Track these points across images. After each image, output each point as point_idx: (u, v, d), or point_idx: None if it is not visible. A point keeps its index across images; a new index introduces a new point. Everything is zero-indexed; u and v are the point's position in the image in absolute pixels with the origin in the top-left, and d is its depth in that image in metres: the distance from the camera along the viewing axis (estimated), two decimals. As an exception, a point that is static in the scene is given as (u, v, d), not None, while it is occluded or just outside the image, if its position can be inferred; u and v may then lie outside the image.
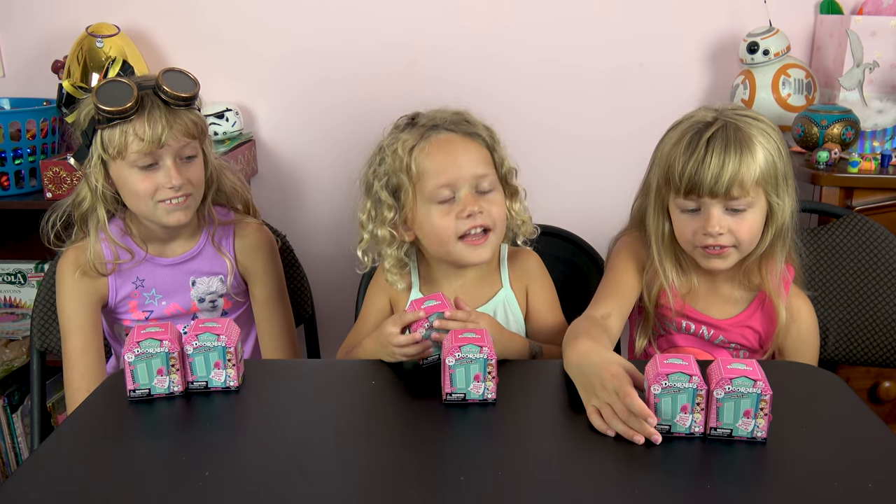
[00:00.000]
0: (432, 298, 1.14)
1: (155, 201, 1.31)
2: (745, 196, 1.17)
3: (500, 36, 2.04)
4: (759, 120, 1.21)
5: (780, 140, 1.21)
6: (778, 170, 1.19)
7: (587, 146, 2.09)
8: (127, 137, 1.26)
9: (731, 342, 1.31)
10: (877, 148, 1.83)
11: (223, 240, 1.44)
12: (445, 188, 1.24)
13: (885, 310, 1.49)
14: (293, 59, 2.08)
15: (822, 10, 1.96)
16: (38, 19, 2.07)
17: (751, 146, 1.16)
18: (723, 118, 1.19)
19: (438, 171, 1.23)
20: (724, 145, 1.16)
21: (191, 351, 1.08)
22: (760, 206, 1.20)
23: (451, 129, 1.26)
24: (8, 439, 1.94)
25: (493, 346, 1.04)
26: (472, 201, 1.23)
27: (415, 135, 1.26)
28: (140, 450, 0.99)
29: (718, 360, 0.99)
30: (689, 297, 1.31)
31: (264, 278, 1.48)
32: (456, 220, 1.24)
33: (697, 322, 1.32)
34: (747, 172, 1.15)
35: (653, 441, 0.94)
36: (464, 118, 1.28)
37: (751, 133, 1.17)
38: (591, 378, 1.02)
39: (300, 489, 0.89)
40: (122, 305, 1.41)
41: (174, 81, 1.29)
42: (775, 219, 1.21)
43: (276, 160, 2.15)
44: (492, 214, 1.25)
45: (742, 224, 1.19)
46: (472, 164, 1.24)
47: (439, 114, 1.29)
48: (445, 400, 1.05)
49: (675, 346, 1.34)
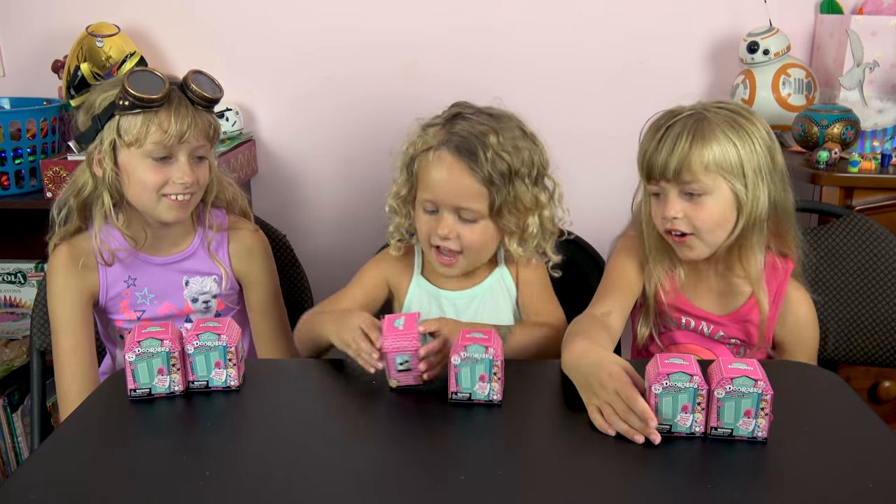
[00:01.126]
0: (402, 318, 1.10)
1: (159, 195, 1.31)
2: (696, 181, 1.19)
3: (500, 37, 2.04)
4: (739, 114, 1.21)
5: (759, 134, 1.21)
6: (744, 160, 1.19)
7: (587, 146, 2.09)
8: (149, 127, 1.27)
9: (731, 338, 1.32)
10: (877, 148, 1.83)
11: (218, 243, 1.44)
12: (429, 202, 1.26)
13: (885, 310, 1.49)
14: (293, 58, 2.08)
15: (822, 10, 1.96)
16: (38, 19, 2.07)
17: (707, 133, 1.18)
18: (697, 109, 1.22)
19: (428, 185, 1.25)
20: (679, 131, 1.19)
21: (191, 350, 1.08)
22: (721, 195, 1.20)
23: (456, 154, 1.23)
24: (8, 439, 1.94)
25: (501, 348, 1.05)
26: (447, 226, 1.25)
27: (432, 139, 1.26)
28: (140, 450, 0.99)
29: (719, 360, 0.99)
30: (686, 291, 1.32)
31: (259, 282, 1.47)
32: (434, 231, 1.27)
33: (696, 318, 1.32)
34: (696, 157, 1.17)
35: (652, 441, 0.94)
36: (480, 144, 1.22)
37: (716, 123, 1.19)
38: (589, 378, 1.02)
39: (300, 489, 0.89)
40: (113, 304, 1.40)
41: (200, 82, 1.32)
42: (745, 210, 1.21)
43: (276, 160, 2.15)
44: (467, 240, 1.26)
45: (699, 210, 1.21)
46: (458, 196, 1.24)
47: (468, 126, 1.24)
48: (451, 399, 1.05)
49: (676, 342, 1.34)
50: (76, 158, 1.75)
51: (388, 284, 1.39)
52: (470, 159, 1.22)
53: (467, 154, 1.22)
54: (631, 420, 0.95)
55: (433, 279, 1.36)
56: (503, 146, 1.23)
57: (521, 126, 1.29)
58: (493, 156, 1.22)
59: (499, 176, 1.22)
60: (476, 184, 1.22)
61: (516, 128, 1.28)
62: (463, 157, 1.22)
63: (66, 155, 1.82)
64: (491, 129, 1.23)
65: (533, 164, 1.27)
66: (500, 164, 1.22)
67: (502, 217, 1.26)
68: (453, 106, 1.31)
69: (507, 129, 1.25)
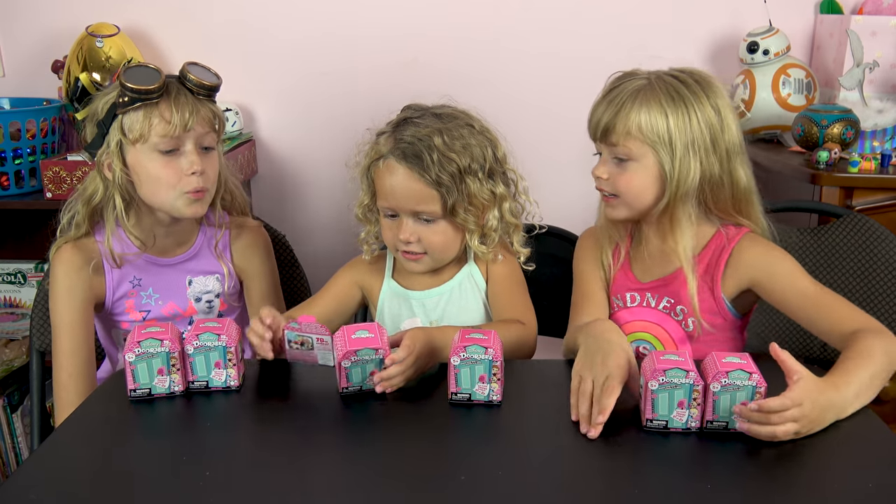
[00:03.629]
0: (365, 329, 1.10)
1: (179, 191, 1.30)
2: (620, 145, 1.20)
3: (501, 35, 2.04)
4: (688, 85, 1.21)
5: (702, 109, 1.19)
6: (674, 132, 1.18)
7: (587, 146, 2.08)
8: (152, 120, 1.27)
9: (677, 304, 1.27)
10: (877, 148, 1.83)
11: (224, 244, 1.44)
12: (388, 209, 1.28)
13: (885, 310, 1.49)
14: (293, 59, 2.08)
15: (822, 10, 1.96)
16: (38, 19, 2.07)
17: (641, 100, 1.19)
18: (650, 76, 1.23)
19: (383, 193, 1.27)
20: (616, 95, 1.21)
21: (191, 351, 1.08)
22: (647, 164, 1.20)
23: (402, 160, 1.24)
24: (8, 439, 1.94)
25: (501, 349, 1.06)
26: (407, 230, 1.27)
27: (383, 147, 1.27)
28: (140, 450, 0.99)
29: (713, 355, 1.00)
30: (631, 264, 1.33)
31: (259, 276, 1.48)
32: (396, 236, 1.28)
33: (641, 290, 1.31)
34: (622, 121, 1.19)
35: (588, 433, 0.97)
36: (425, 147, 1.23)
37: (656, 91, 1.20)
38: (597, 352, 1.07)
39: (300, 489, 0.89)
40: (119, 305, 1.41)
41: (198, 71, 1.33)
42: (670, 182, 1.20)
43: (276, 160, 2.15)
44: (428, 242, 1.28)
45: (623, 176, 1.22)
46: (410, 200, 1.25)
47: (413, 131, 1.25)
48: (451, 399, 1.05)
49: (623, 322, 1.31)
50: (76, 158, 1.76)
51: (361, 288, 1.40)
52: (417, 164, 1.23)
53: (414, 159, 1.23)
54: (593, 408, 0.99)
55: (403, 281, 1.37)
56: (450, 146, 1.24)
57: (470, 123, 1.29)
58: (440, 157, 1.23)
59: (448, 177, 1.23)
60: (426, 187, 1.24)
61: (465, 126, 1.28)
62: (410, 163, 1.23)
63: (66, 155, 1.82)
64: (435, 131, 1.24)
65: (485, 159, 1.28)
66: (448, 166, 1.23)
67: (457, 216, 1.26)
68: (403, 110, 1.32)
69: (454, 129, 1.26)
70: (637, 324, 1.31)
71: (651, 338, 1.31)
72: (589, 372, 1.04)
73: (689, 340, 1.27)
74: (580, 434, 0.98)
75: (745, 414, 0.95)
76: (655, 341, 1.30)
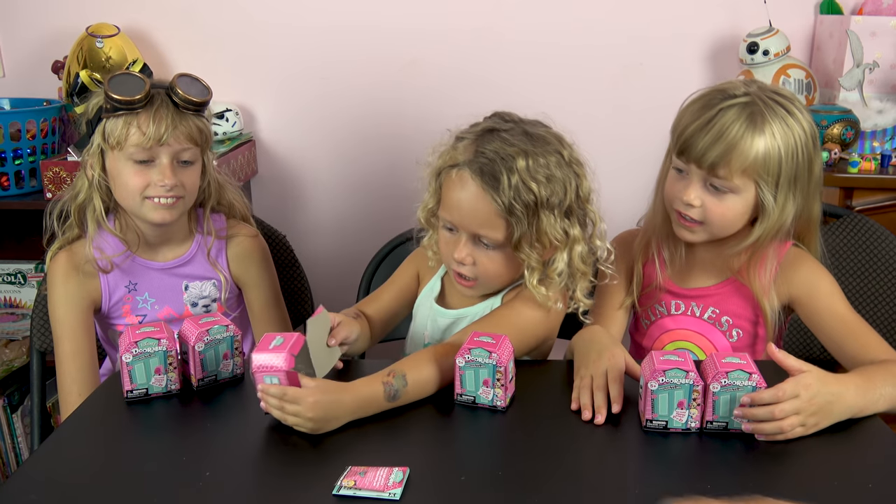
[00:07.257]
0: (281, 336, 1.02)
1: (142, 197, 1.30)
2: (729, 179, 1.13)
3: (500, 37, 2.04)
4: (790, 112, 1.13)
5: (804, 138, 1.14)
6: (783, 167, 1.13)
7: (587, 146, 2.08)
8: (129, 129, 1.27)
9: (723, 314, 1.27)
10: (877, 148, 1.84)
11: (217, 250, 1.44)
12: (449, 222, 1.17)
13: (886, 310, 1.49)
14: (293, 59, 2.08)
15: (822, 11, 1.96)
16: (38, 19, 2.07)
17: (756, 132, 1.11)
18: (754, 97, 1.13)
19: (448, 204, 1.16)
20: (731, 121, 1.11)
21: (202, 347, 1.08)
22: (746, 197, 1.15)
23: (478, 176, 1.11)
24: (8, 439, 1.94)
25: (510, 356, 1.05)
26: (464, 250, 1.15)
27: (460, 155, 1.14)
28: (140, 450, 0.99)
29: (712, 356, 1.01)
30: (675, 275, 1.29)
31: (258, 286, 1.47)
32: (451, 252, 1.18)
33: (686, 298, 1.29)
34: (738, 157, 1.11)
35: (595, 420, 1.00)
36: (506, 168, 1.10)
37: (770, 121, 1.12)
38: (591, 350, 1.10)
39: (301, 489, 0.89)
40: (116, 310, 1.41)
41: (187, 85, 1.31)
42: (767, 216, 1.16)
43: (276, 160, 2.15)
44: (480, 269, 1.17)
45: (718, 206, 1.16)
46: (475, 221, 1.13)
47: (497, 145, 1.12)
48: (457, 400, 1.06)
49: (667, 329, 1.31)
50: (75, 159, 1.76)
51: (419, 279, 1.34)
52: (491, 185, 1.10)
53: (490, 179, 1.10)
54: (597, 397, 1.02)
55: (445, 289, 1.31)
56: (532, 173, 1.10)
57: (560, 151, 1.15)
58: (519, 183, 1.09)
59: (522, 206, 1.10)
60: (495, 212, 1.11)
61: (554, 153, 1.14)
62: (486, 182, 1.10)
63: (65, 156, 1.82)
64: (521, 152, 1.11)
65: (566, 194, 1.13)
66: (525, 195, 1.10)
67: (521, 250, 1.13)
68: (491, 116, 1.19)
69: (541, 154, 1.12)
70: (681, 332, 1.30)
71: (694, 347, 1.29)
72: (586, 369, 1.07)
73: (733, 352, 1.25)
74: (580, 434, 0.98)
75: (746, 413, 0.95)
76: (698, 350, 1.29)
